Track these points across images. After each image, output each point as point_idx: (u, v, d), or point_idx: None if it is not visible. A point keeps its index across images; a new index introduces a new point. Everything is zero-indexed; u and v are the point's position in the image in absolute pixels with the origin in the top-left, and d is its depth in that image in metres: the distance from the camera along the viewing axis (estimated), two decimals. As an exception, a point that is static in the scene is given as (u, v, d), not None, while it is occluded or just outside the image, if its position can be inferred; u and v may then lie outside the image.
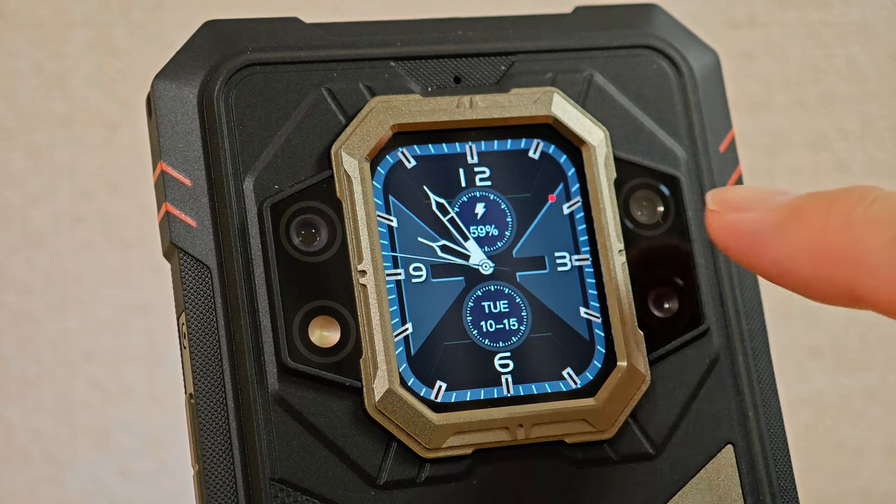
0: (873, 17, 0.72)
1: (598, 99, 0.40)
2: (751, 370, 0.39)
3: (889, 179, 0.71)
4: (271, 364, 0.36)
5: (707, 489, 0.38)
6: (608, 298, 0.38)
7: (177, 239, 0.37)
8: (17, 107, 0.64)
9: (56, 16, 0.65)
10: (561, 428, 0.37)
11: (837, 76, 0.72)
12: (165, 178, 0.37)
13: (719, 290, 0.39)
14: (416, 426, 0.36)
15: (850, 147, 0.71)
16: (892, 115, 0.72)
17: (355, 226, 0.37)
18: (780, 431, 0.39)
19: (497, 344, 0.38)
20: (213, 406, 0.36)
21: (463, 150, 0.39)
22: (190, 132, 0.38)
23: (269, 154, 0.38)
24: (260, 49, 0.38)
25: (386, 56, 0.39)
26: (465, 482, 0.37)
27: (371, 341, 0.36)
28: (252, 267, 0.37)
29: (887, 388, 0.70)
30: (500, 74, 0.40)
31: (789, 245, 0.31)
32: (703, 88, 0.41)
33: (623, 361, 0.38)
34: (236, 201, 0.37)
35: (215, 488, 0.36)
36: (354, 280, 0.37)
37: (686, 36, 0.41)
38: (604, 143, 0.39)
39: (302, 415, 0.36)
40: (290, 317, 0.36)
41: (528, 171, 0.39)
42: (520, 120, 0.39)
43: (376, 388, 0.36)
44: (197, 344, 0.36)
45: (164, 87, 0.38)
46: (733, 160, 0.41)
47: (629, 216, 0.39)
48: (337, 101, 0.38)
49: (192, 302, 0.37)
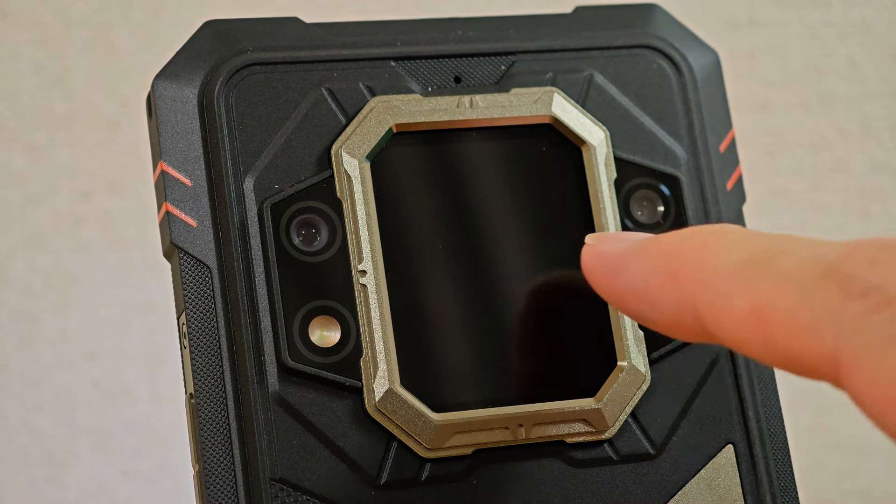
0: (873, 17, 0.72)
1: (598, 99, 0.40)
2: (751, 370, 0.39)
3: (889, 179, 0.71)
4: (271, 364, 0.36)
5: (707, 489, 0.38)
6: (608, 298, 0.38)
7: (177, 239, 0.37)
8: (17, 107, 0.64)
9: (56, 16, 0.65)
10: (561, 428, 0.37)
11: (837, 76, 0.72)
12: (165, 178, 0.37)
13: (719, 290, 0.39)
14: (417, 426, 0.36)
15: (850, 147, 0.71)
16: (892, 115, 0.72)
17: (355, 226, 0.37)
18: (780, 431, 0.39)
19: (497, 344, 0.38)
20: (214, 406, 0.36)
21: (463, 150, 0.39)
22: (190, 132, 0.38)
23: (270, 154, 0.38)
24: (260, 49, 0.38)
25: (386, 56, 0.39)
26: (465, 482, 0.37)
27: (371, 341, 0.36)
28: (252, 267, 0.37)
29: (887, 388, 0.70)
30: (501, 74, 0.40)
31: (645, 266, 0.32)
32: (703, 88, 0.41)
33: (623, 361, 0.38)
34: (236, 201, 0.37)
35: (215, 488, 0.36)
36: (354, 280, 0.37)
37: (686, 36, 0.41)
38: (604, 143, 0.39)
39: (302, 415, 0.36)
40: (290, 317, 0.36)
41: (528, 171, 0.39)
42: (520, 120, 0.39)
43: (376, 388, 0.36)
44: (197, 344, 0.36)
45: (164, 87, 0.38)
46: (733, 160, 0.41)
47: (629, 216, 0.39)
48: (337, 101, 0.38)
49: (192, 302, 0.37)
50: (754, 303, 0.28)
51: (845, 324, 0.26)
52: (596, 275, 0.33)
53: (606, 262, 0.33)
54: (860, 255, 0.27)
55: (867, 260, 0.27)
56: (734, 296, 0.29)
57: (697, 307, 0.30)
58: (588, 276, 0.34)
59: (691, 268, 0.30)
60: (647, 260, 0.32)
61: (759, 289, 0.28)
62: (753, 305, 0.28)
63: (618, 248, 0.33)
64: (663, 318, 0.31)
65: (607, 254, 0.33)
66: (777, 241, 0.29)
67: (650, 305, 0.31)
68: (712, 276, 0.29)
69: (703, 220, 0.40)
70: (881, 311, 0.26)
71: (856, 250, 0.27)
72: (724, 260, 0.29)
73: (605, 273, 0.33)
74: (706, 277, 0.30)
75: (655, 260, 0.31)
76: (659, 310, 0.31)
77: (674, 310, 0.31)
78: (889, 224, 0.71)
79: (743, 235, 0.30)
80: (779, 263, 0.28)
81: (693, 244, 0.31)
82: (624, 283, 0.32)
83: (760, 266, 0.28)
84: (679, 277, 0.30)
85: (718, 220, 0.40)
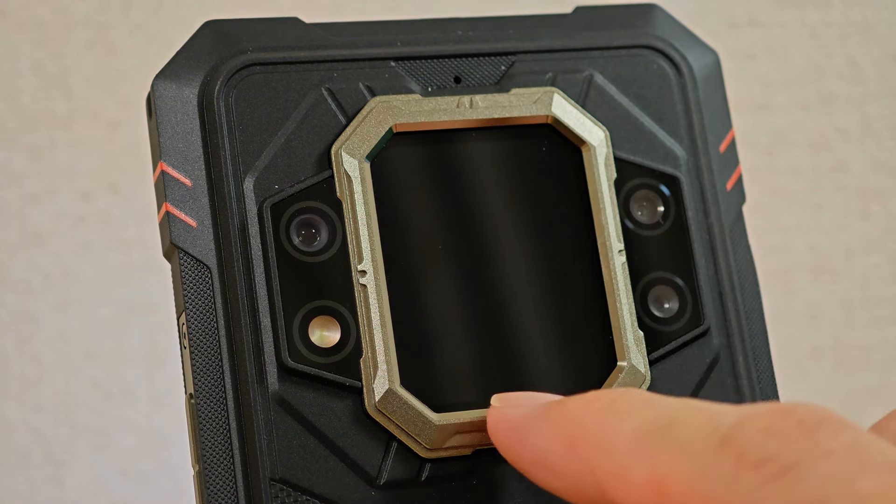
0: (873, 17, 0.72)
1: (598, 99, 0.40)
2: (751, 370, 0.39)
3: (889, 180, 0.71)
4: (271, 364, 0.36)
5: (707, 489, 0.38)
6: (608, 298, 0.38)
7: (177, 239, 0.37)
8: (17, 107, 0.64)
9: (56, 16, 0.65)
10: (561, 428, 0.37)
11: (837, 76, 0.72)
12: (165, 178, 0.37)
13: (719, 290, 0.39)
14: (417, 426, 0.36)
15: (850, 147, 0.71)
16: (892, 115, 0.72)
17: (355, 226, 0.37)
18: (780, 431, 0.39)
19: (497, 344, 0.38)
20: (213, 406, 0.36)
21: (463, 151, 0.39)
22: (190, 132, 0.38)
23: (269, 154, 0.38)
24: (260, 49, 0.38)
25: (386, 56, 0.39)
26: (465, 482, 0.37)
27: (371, 341, 0.36)
28: (252, 267, 0.37)
29: (887, 388, 0.70)
30: (501, 74, 0.40)
31: (548, 431, 0.31)
32: (703, 88, 0.41)
33: (623, 361, 0.38)
34: (236, 201, 0.37)
35: (215, 488, 0.36)
36: (354, 280, 0.37)
37: (686, 36, 0.41)
38: (604, 143, 0.39)
39: (302, 415, 0.36)
40: (290, 317, 0.36)
41: (528, 172, 0.39)
42: (520, 120, 0.39)
43: (376, 388, 0.36)
44: (197, 344, 0.36)
45: (164, 87, 0.38)
46: (733, 160, 0.41)
47: (629, 216, 0.39)
48: (337, 101, 0.38)
49: (192, 302, 0.37)
50: (652, 472, 0.28)
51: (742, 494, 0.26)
52: (500, 439, 0.33)
53: (510, 428, 0.33)
54: (754, 424, 0.27)
55: (761, 429, 0.27)
56: (632, 465, 0.28)
57: (597, 475, 0.29)
58: (493, 439, 0.34)
59: (591, 435, 0.30)
60: (549, 426, 0.31)
61: (656, 458, 0.28)
62: (652, 475, 0.28)
63: (521, 414, 0.33)
64: (565, 487, 0.31)
65: (511, 418, 0.33)
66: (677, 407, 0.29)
67: (553, 474, 0.31)
68: (611, 445, 0.29)
69: (702, 220, 0.40)
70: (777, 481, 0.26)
71: (750, 419, 0.27)
72: (623, 427, 0.29)
73: (509, 438, 0.33)
74: (605, 446, 0.29)
75: (556, 426, 0.31)
76: (561, 478, 0.31)
77: (575, 478, 0.30)
78: (889, 224, 0.71)
79: (644, 402, 0.30)
80: (676, 432, 0.28)
81: (593, 410, 0.30)
82: (527, 450, 0.32)
83: (658, 434, 0.28)
84: (579, 445, 0.30)
85: (718, 220, 0.40)
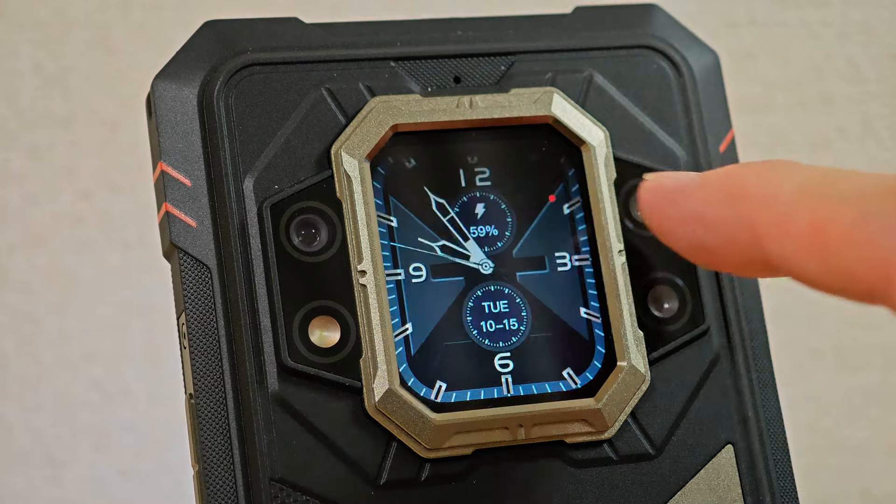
0: (873, 17, 0.72)
1: (597, 99, 0.40)
2: (751, 370, 0.39)
3: (889, 179, 0.71)
4: (271, 364, 0.36)
5: (707, 489, 0.38)
6: (608, 298, 0.38)
7: (177, 239, 0.37)
8: (17, 107, 0.64)
9: (56, 16, 0.65)
10: (561, 428, 0.37)
11: (837, 76, 0.72)
12: (165, 178, 0.37)
13: (719, 290, 0.39)
14: (417, 426, 0.36)
15: (850, 147, 0.71)
16: (892, 115, 0.72)
17: (355, 226, 0.37)
18: (780, 431, 0.39)
19: (497, 344, 0.38)
20: (213, 406, 0.36)
21: (463, 151, 0.39)
22: (190, 132, 0.38)
23: (269, 154, 0.38)
24: (260, 49, 0.38)
25: (386, 56, 0.39)
26: (465, 482, 0.37)
27: (371, 341, 0.36)
28: (252, 267, 0.37)
29: (887, 388, 0.70)
30: (500, 74, 0.40)
31: (704, 193, 0.32)
32: (702, 88, 0.41)
33: (623, 361, 0.38)
34: (236, 201, 0.37)
35: (215, 488, 0.36)
36: (354, 280, 0.37)
37: (686, 36, 0.41)
38: (604, 143, 0.39)
39: (302, 415, 0.36)
40: (290, 317, 0.36)
41: (528, 172, 0.39)
42: (520, 120, 0.39)
43: (376, 388, 0.36)
44: (197, 344, 0.36)
45: (164, 87, 0.38)
46: (733, 160, 0.41)
47: (629, 216, 0.39)
48: (337, 101, 0.38)
49: (192, 302, 0.37)
50: (814, 220, 0.29)
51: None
52: (651, 206, 0.34)
53: (665, 192, 0.33)
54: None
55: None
56: (794, 214, 0.29)
57: (756, 227, 0.30)
58: (643, 208, 0.34)
59: (753, 190, 0.31)
60: (707, 187, 0.32)
61: (819, 207, 0.29)
62: (813, 222, 0.29)
63: (678, 179, 0.33)
64: (717, 240, 0.32)
65: (668, 183, 0.34)
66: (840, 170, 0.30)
67: (705, 228, 0.32)
68: (774, 198, 0.30)
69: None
70: None
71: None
72: (787, 183, 0.30)
73: (662, 203, 0.33)
74: (768, 199, 0.30)
75: (716, 185, 0.32)
76: (714, 231, 0.32)
77: (731, 230, 0.31)
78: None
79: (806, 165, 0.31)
80: (841, 185, 0.29)
81: (755, 170, 0.31)
82: (680, 210, 0.33)
83: (822, 188, 0.29)
84: (739, 198, 0.31)
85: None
